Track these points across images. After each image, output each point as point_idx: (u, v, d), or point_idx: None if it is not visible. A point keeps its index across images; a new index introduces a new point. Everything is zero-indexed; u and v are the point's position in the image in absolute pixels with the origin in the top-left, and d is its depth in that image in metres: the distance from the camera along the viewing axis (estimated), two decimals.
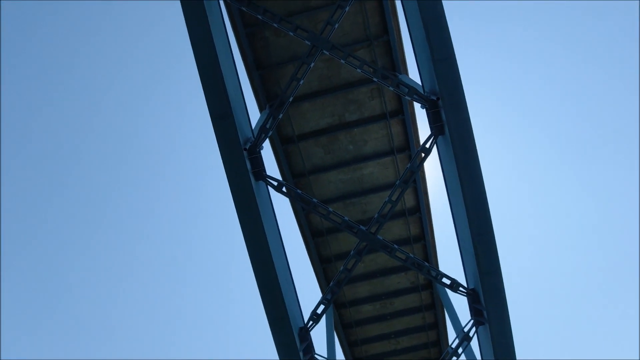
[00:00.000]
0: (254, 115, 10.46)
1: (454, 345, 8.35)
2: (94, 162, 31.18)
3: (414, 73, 10.82)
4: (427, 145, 7.80)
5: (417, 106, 11.35)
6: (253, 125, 8.67)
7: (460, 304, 12.34)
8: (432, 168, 13.37)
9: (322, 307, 8.30)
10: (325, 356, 8.46)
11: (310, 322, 8.13)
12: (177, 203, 33.23)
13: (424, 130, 11.79)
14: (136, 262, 32.96)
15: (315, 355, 8.16)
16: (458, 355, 8.27)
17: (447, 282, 8.24)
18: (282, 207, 8.57)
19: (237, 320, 34.84)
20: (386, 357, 15.32)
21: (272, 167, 12.27)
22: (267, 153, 12.24)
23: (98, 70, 29.79)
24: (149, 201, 32.74)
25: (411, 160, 7.96)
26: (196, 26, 6.77)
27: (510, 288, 7.96)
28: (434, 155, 8.42)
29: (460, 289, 8.18)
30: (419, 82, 8.29)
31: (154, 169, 32.97)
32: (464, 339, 8.28)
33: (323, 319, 12.42)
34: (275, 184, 8.06)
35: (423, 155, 7.89)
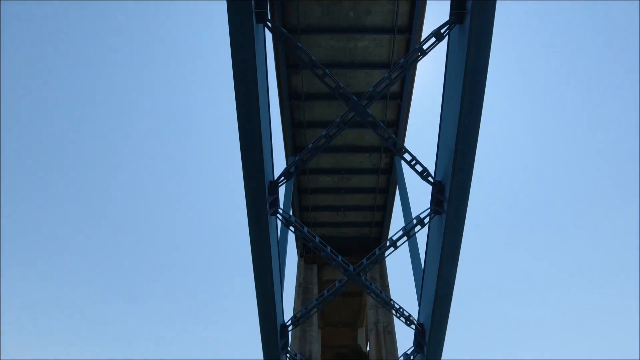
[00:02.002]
0: None
1: (407, 227, 8.88)
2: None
3: None
4: (442, 31, 7.46)
5: None
6: None
7: (413, 193, 12.92)
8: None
9: (294, 167, 8.39)
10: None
11: (282, 178, 8.26)
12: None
13: (428, 18, 11.25)
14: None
15: (279, 210, 8.43)
16: (409, 237, 8.85)
17: (420, 169, 8.49)
18: None
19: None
20: (331, 226, 16.21)
21: None
22: None
23: None
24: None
25: (421, 42, 7.64)
26: None
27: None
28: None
29: (429, 178, 8.47)
30: None
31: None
32: (419, 223, 8.79)
33: None
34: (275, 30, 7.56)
35: (435, 40, 7.58)
